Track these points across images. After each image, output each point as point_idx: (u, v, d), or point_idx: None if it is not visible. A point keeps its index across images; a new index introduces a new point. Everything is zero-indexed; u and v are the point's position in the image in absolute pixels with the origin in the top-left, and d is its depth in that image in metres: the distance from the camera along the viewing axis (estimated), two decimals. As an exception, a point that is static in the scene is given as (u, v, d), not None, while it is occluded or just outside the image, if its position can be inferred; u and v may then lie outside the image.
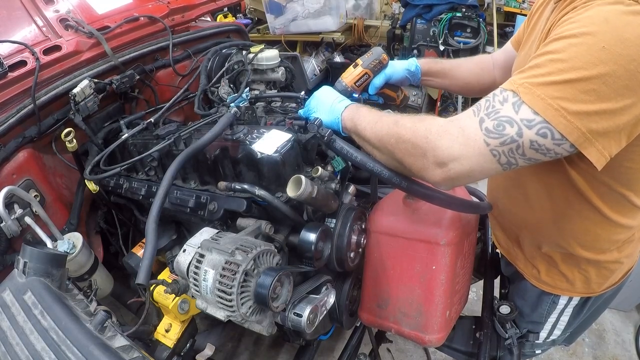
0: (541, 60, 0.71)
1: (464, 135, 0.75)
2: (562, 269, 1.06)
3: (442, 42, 3.65)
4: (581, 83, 0.66)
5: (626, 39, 0.64)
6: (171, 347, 1.23)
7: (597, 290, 1.10)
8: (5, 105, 1.38)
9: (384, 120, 0.89)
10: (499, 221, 1.24)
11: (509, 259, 1.22)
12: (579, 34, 0.67)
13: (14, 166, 1.37)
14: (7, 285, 0.94)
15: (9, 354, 0.82)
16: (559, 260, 1.06)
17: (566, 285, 1.09)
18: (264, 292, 0.87)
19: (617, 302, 2.51)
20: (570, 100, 0.67)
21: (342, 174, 1.23)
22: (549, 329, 1.24)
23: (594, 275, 1.05)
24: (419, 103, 4.03)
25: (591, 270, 1.04)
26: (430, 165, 0.78)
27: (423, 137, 0.78)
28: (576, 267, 1.05)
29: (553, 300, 1.14)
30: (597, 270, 1.04)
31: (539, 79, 0.70)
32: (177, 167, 1.05)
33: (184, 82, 1.85)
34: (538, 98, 0.69)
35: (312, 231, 1.09)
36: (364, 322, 1.35)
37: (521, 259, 1.17)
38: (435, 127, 0.78)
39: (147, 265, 0.89)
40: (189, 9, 2.03)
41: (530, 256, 1.12)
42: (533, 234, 1.08)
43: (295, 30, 4.15)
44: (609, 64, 0.64)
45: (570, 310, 1.17)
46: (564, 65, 0.67)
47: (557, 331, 1.24)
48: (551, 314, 1.18)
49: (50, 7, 1.64)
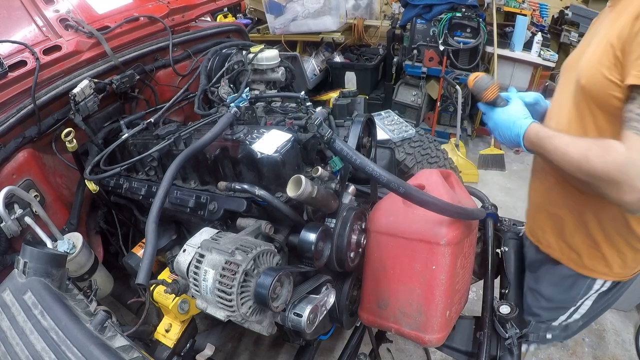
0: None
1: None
2: (604, 251, 1.12)
3: (442, 42, 3.65)
4: None
5: None
6: (171, 347, 1.23)
7: (629, 274, 1.18)
8: (5, 105, 1.38)
9: (573, 145, 0.95)
10: (535, 214, 1.30)
11: (547, 251, 1.27)
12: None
13: (14, 166, 1.37)
14: (7, 285, 0.94)
15: (9, 354, 0.82)
16: (603, 242, 1.11)
17: (604, 269, 1.16)
18: (264, 292, 0.88)
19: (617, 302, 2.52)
20: None
21: (342, 174, 1.23)
22: (570, 312, 1.30)
23: (630, 257, 1.12)
24: (419, 103, 4.03)
25: (627, 253, 1.11)
26: (626, 196, 0.85)
27: (615, 171, 0.86)
28: (615, 249, 1.11)
29: (589, 284, 1.20)
30: (633, 252, 1.11)
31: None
32: (177, 167, 1.05)
33: (184, 82, 1.85)
34: None
35: (312, 231, 1.09)
36: (364, 322, 1.35)
37: (556, 246, 1.22)
38: (621, 159, 0.85)
39: (147, 265, 0.89)
40: (189, 9, 2.03)
41: (575, 246, 1.17)
42: (589, 215, 1.11)
43: (295, 30, 4.15)
44: None
45: (596, 296, 1.23)
46: None
47: (577, 315, 1.30)
48: (583, 297, 1.24)
49: (50, 7, 1.64)
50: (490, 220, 1.54)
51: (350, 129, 1.26)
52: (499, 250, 1.52)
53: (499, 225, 1.60)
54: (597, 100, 0.97)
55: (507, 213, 2.22)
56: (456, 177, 1.37)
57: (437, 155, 2.25)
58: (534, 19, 4.26)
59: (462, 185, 1.39)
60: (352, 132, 1.24)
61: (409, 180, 1.27)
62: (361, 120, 1.25)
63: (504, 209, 3.29)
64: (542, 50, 3.72)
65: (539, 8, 4.36)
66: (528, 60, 3.75)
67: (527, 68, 3.67)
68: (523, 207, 1.36)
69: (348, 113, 1.36)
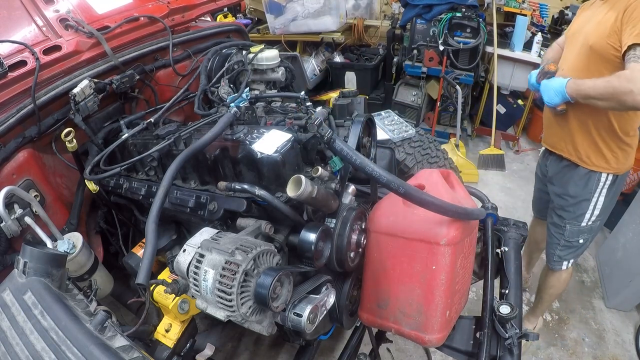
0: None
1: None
2: (604, 152, 1.75)
3: (441, 42, 3.65)
4: None
5: None
6: (171, 347, 1.23)
7: (621, 170, 1.80)
8: (5, 105, 1.38)
9: (598, 81, 1.51)
10: (557, 134, 1.90)
11: (565, 156, 1.88)
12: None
13: (14, 166, 1.37)
14: (7, 285, 0.94)
15: (9, 354, 0.82)
16: (602, 146, 1.74)
17: (605, 165, 1.78)
18: (264, 292, 0.87)
19: (617, 302, 2.53)
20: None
21: (342, 173, 1.23)
22: (592, 209, 1.86)
23: (620, 155, 1.76)
24: (419, 103, 4.03)
25: (618, 151, 1.75)
26: (638, 97, 1.37)
27: (628, 83, 1.40)
28: (609, 149, 1.74)
29: (597, 177, 1.80)
30: (621, 150, 1.75)
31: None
32: (177, 167, 1.05)
33: (184, 82, 1.85)
34: None
35: (312, 231, 1.09)
36: (364, 322, 1.35)
37: (574, 153, 1.83)
38: (629, 76, 1.41)
39: (147, 265, 0.89)
40: (189, 9, 2.03)
41: (582, 149, 1.79)
42: (590, 126, 1.73)
43: (295, 30, 4.15)
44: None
45: (605, 191, 1.82)
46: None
47: (597, 211, 1.86)
48: (596, 190, 1.82)
49: (50, 7, 1.64)
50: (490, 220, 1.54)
51: (350, 129, 1.26)
52: (499, 250, 1.52)
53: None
54: (599, 53, 1.61)
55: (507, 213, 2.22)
56: (456, 177, 1.37)
57: (437, 155, 2.25)
58: (534, 19, 4.27)
59: (462, 185, 1.39)
60: (352, 132, 1.24)
61: (409, 180, 1.27)
62: (361, 120, 1.25)
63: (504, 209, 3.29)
64: (542, 50, 3.71)
65: (539, 8, 4.36)
66: (528, 60, 3.74)
67: (527, 68, 3.67)
68: (523, 207, 1.37)
69: (348, 113, 1.36)
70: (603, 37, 1.59)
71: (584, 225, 1.90)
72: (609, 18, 1.58)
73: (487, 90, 4.09)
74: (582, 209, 1.87)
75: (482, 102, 4.20)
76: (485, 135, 4.31)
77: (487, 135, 4.16)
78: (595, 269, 2.85)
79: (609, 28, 1.56)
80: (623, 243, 2.55)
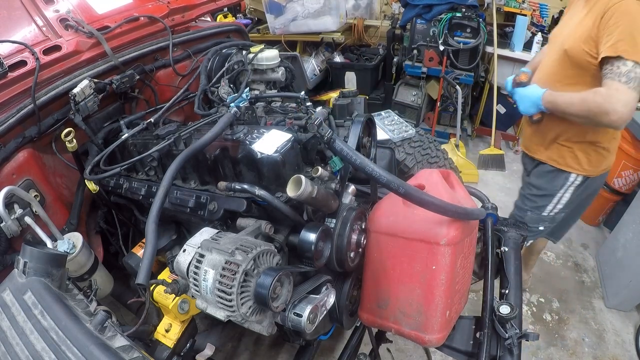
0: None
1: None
2: (577, 153, 1.73)
3: (442, 42, 3.65)
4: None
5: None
6: (171, 347, 1.23)
7: (594, 173, 1.79)
8: (5, 105, 1.38)
9: (574, 97, 1.50)
10: (531, 137, 1.91)
11: (535, 157, 1.90)
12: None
13: (14, 166, 1.37)
14: (7, 285, 0.94)
15: (9, 354, 0.82)
16: (576, 148, 1.73)
17: (576, 166, 1.77)
18: (264, 292, 0.87)
19: (617, 302, 2.53)
20: None
21: (342, 173, 1.23)
22: (555, 203, 1.89)
23: (594, 157, 1.73)
24: (419, 103, 4.03)
25: (592, 153, 1.72)
26: (612, 117, 1.38)
27: (603, 102, 1.39)
28: (583, 151, 1.72)
29: (566, 177, 1.81)
30: (596, 153, 1.72)
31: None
32: (177, 167, 1.05)
33: (184, 82, 1.85)
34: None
35: (312, 231, 1.08)
36: (364, 322, 1.35)
37: (544, 153, 1.85)
38: (605, 94, 1.40)
39: (147, 265, 0.89)
40: (189, 9, 2.03)
41: (554, 149, 1.79)
42: (565, 134, 1.73)
43: (295, 30, 4.14)
44: None
45: (572, 189, 1.83)
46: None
47: (560, 205, 1.89)
48: (562, 188, 1.84)
49: (50, 7, 1.64)
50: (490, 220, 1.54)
51: (350, 129, 1.26)
52: (499, 250, 1.52)
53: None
54: (574, 59, 1.55)
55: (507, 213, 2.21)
56: (456, 177, 1.37)
57: (437, 155, 2.25)
58: (534, 19, 4.26)
59: (462, 185, 1.39)
60: (352, 132, 1.24)
61: (409, 180, 1.27)
62: (361, 120, 1.25)
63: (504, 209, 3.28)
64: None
65: (539, 8, 4.35)
66: (528, 60, 3.72)
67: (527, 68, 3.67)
68: (523, 207, 1.36)
69: (348, 113, 1.36)
70: (579, 42, 1.50)
71: (545, 214, 1.94)
72: (587, 22, 1.49)
73: (487, 91, 4.09)
74: (544, 202, 1.90)
75: (482, 102, 4.20)
76: (485, 135, 4.31)
77: (487, 135, 4.16)
78: (595, 269, 2.85)
79: (586, 33, 1.47)
80: (623, 243, 2.55)
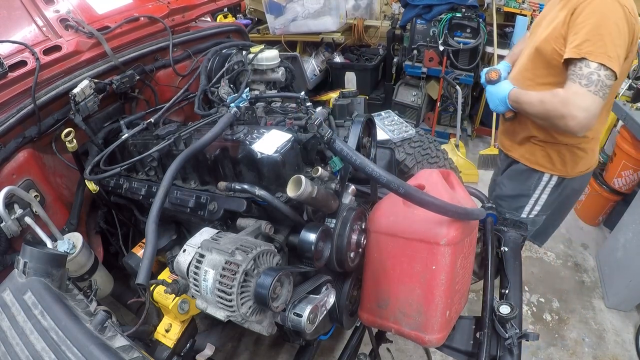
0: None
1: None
2: (549, 151, 1.66)
3: (441, 42, 3.65)
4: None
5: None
6: (171, 347, 1.23)
7: (570, 174, 1.70)
8: (5, 105, 1.38)
9: (534, 97, 1.47)
10: (505, 134, 1.86)
11: (509, 154, 1.83)
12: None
13: (14, 166, 1.37)
14: (7, 285, 0.94)
15: (9, 354, 0.82)
16: (549, 148, 1.65)
17: (549, 166, 1.69)
18: (264, 292, 0.87)
19: (617, 302, 2.53)
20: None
21: (342, 174, 1.23)
22: (532, 204, 1.81)
23: (568, 158, 1.64)
24: (419, 103, 4.03)
25: (566, 154, 1.64)
26: (570, 122, 1.32)
27: (561, 106, 1.33)
28: (556, 151, 1.64)
29: (539, 176, 1.73)
30: (570, 154, 1.64)
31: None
32: (177, 167, 1.05)
33: (184, 82, 1.85)
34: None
35: (312, 231, 1.09)
36: (364, 322, 1.35)
37: (518, 150, 1.77)
38: (563, 97, 1.34)
39: (147, 265, 0.89)
40: (189, 9, 2.03)
41: (527, 147, 1.72)
42: (536, 134, 1.65)
43: (295, 31, 4.14)
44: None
45: (549, 190, 1.75)
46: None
47: (538, 207, 1.81)
48: (537, 188, 1.76)
49: (50, 7, 1.64)
50: (490, 220, 1.54)
51: (350, 129, 1.26)
52: (499, 250, 1.52)
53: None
54: (544, 57, 1.49)
55: (507, 213, 2.22)
56: (456, 177, 1.37)
57: (437, 155, 2.25)
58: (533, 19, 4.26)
59: (462, 185, 1.39)
60: (352, 132, 1.24)
61: (409, 180, 1.27)
62: (361, 121, 1.25)
63: (504, 209, 3.29)
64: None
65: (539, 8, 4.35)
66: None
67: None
68: (523, 207, 1.36)
69: (348, 113, 1.36)
70: (550, 39, 1.44)
71: (524, 217, 1.85)
72: (559, 17, 1.41)
73: (487, 91, 4.09)
74: (519, 203, 1.82)
75: (482, 102, 4.20)
76: (485, 135, 4.31)
77: (487, 135, 4.16)
78: (595, 269, 2.85)
79: (557, 31, 1.40)
80: (623, 243, 2.55)
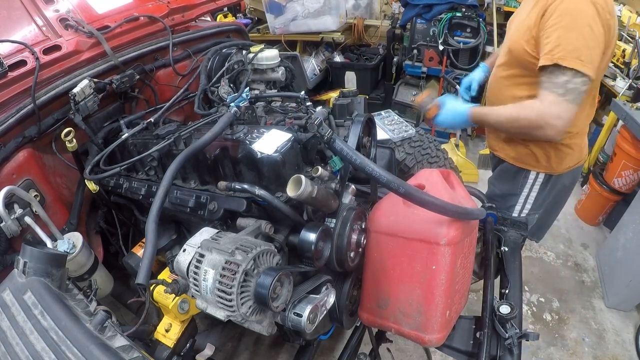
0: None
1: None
2: (533, 149, 1.60)
3: (442, 41, 3.65)
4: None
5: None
6: (171, 347, 1.23)
7: (557, 170, 1.64)
8: (5, 104, 1.38)
9: (502, 115, 1.41)
10: (491, 133, 1.83)
11: (496, 154, 1.80)
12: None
13: (14, 166, 1.37)
14: (7, 285, 0.94)
15: (9, 354, 0.82)
16: (533, 145, 1.59)
17: (534, 163, 1.64)
18: (264, 292, 0.87)
19: (617, 302, 2.53)
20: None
21: (342, 173, 1.23)
22: (522, 203, 1.77)
23: (553, 155, 1.59)
24: (419, 103, 4.03)
25: (550, 151, 1.58)
26: (549, 132, 1.29)
27: (538, 118, 1.29)
28: (540, 149, 1.59)
29: (525, 175, 1.70)
30: (555, 150, 1.58)
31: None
32: (177, 167, 1.05)
33: (184, 82, 1.85)
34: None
35: (312, 231, 1.08)
36: (364, 322, 1.35)
37: (504, 150, 1.74)
38: (539, 109, 1.29)
39: (147, 265, 0.89)
40: (189, 9, 2.03)
41: (512, 146, 1.68)
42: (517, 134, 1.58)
43: (295, 30, 4.14)
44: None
45: (538, 187, 1.71)
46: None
47: (528, 205, 1.77)
48: (524, 187, 1.73)
49: (50, 7, 1.64)
50: (490, 220, 1.54)
51: (350, 129, 1.26)
52: (499, 250, 1.52)
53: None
54: (517, 59, 1.43)
55: (507, 213, 2.22)
56: (456, 177, 1.37)
57: (437, 155, 2.25)
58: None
59: (462, 185, 1.39)
60: (352, 132, 1.24)
61: (409, 180, 1.27)
62: (361, 120, 1.25)
63: (504, 209, 3.29)
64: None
65: (539, 8, 4.36)
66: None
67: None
68: (523, 207, 1.36)
69: (348, 113, 1.36)
70: (521, 40, 1.37)
71: (516, 215, 1.82)
72: (531, 18, 1.33)
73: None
74: (510, 202, 1.80)
75: (482, 102, 4.19)
76: (485, 135, 4.30)
77: (487, 135, 4.15)
78: (595, 269, 2.85)
79: (528, 31, 1.33)
80: (623, 243, 2.55)
